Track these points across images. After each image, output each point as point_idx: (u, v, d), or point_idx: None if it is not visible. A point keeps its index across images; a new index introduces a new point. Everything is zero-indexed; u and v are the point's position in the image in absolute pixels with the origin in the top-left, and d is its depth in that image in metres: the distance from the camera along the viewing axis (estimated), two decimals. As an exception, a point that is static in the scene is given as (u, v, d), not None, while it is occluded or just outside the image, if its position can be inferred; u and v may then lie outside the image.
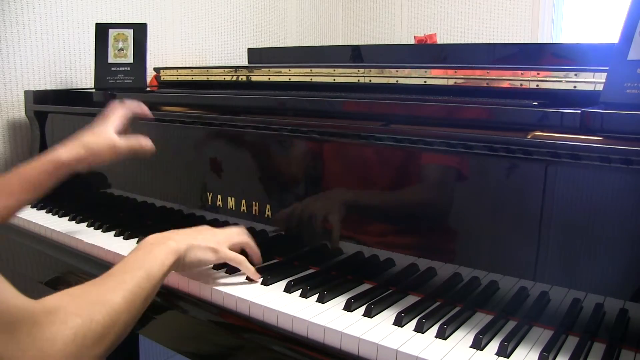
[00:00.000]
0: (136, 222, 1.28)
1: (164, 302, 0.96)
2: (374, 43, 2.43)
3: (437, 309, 0.82)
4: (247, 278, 0.94)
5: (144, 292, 0.76)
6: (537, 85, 0.93)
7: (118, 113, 1.09)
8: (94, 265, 1.12)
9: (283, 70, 1.30)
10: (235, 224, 1.13)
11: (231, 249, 0.94)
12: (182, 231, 0.90)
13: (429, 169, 0.90)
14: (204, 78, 1.51)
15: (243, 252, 0.97)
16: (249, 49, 1.97)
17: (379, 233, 0.96)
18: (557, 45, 1.69)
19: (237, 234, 0.97)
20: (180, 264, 0.86)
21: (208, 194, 1.17)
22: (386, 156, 0.93)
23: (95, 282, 0.75)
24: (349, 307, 0.83)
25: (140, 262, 0.79)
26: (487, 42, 2.13)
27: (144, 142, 1.08)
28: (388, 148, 0.91)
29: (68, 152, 1.01)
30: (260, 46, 2.20)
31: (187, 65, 1.97)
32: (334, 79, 1.21)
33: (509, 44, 1.86)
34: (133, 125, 1.34)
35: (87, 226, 1.27)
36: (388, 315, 0.81)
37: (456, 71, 1.03)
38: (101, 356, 0.69)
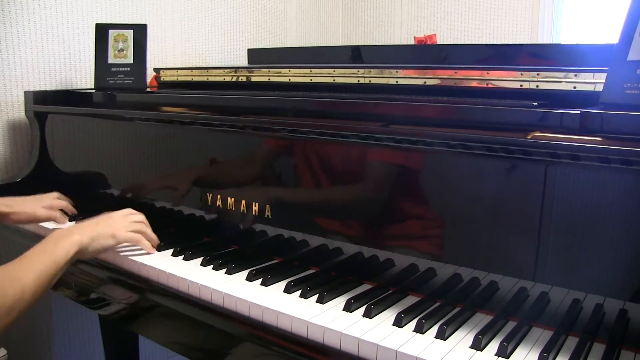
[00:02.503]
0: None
1: (165, 303, 0.96)
2: (374, 43, 2.43)
3: (437, 309, 0.82)
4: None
5: (50, 276, 0.90)
6: (537, 86, 0.93)
7: (51, 200, 1.29)
8: (94, 265, 1.12)
9: (283, 70, 1.30)
10: (236, 224, 1.13)
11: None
12: (84, 224, 1.04)
13: (428, 169, 0.90)
14: (204, 78, 1.51)
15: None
16: (248, 50, 1.97)
17: (378, 233, 0.96)
18: (556, 45, 1.69)
19: (132, 219, 1.10)
20: (85, 253, 1.00)
21: (208, 194, 1.17)
22: (386, 156, 0.93)
23: (10, 263, 0.88)
24: (348, 307, 0.83)
25: (48, 250, 0.93)
26: (487, 42, 2.13)
27: (60, 219, 1.27)
28: (388, 148, 0.91)
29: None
30: (260, 47, 2.20)
31: (187, 66, 1.97)
32: (334, 80, 1.21)
33: (508, 44, 1.86)
34: (133, 126, 1.34)
35: (87, 226, 1.27)
36: (388, 316, 0.81)
37: (456, 72, 1.03)
38: (5, 327, 0.82)
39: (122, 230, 1.06)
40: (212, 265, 1.01)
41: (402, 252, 0.91)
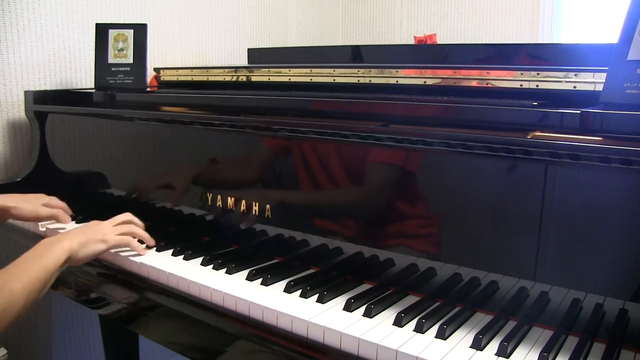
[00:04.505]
0: (136, 222, 1.28)
1: (165, 303, 0.96)
2: (374, 43, 2.43)
3: (437, 309, 0.82)
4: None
5: (40, 282, 0.90)
6: (537, 86, 0.93)
7: (50, 199, 1.27)
8: (93, 265, 1.12)
9: (283, 70, 1.30)
10: (236, 224, 1.13)
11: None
12: (73, 231, 1.04)
13: (428, 169, 0.90)
14: (204, 78, 1.51)
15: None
16: (249, 49, 1.97)
17: (379, 233, 0.96)
18: (556, 45, 1.69)
19: (119, 220, 1.11)
20: (75, 259, 0.99)
21: (208, 194, 1.17)
22: (386, 156, 0.93)
23: (2, 270, 0.88)
24: (349, 307, 0.83)
25: (38, 257, 0.93)
26: (487, 42, 2.13)
27: (62, 216, 1.25)
28: (388, 148, 0.91)
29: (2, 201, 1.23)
30: (260, 46, 2.20)
31: (187, 66, 1.97)
32: (334, 79, 1.21)
33: (509, 44, 1.86)
34: (133, 126, 1.34)
35: (87, 226, 1.27)
36: (388, 316, 0.81)
37: (456, 71, 1.03)
38: None
39: (111, 234, 1.06)
40: (212, 265, 1.01)
41: (402, 252, 0.91)
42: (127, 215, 1.13)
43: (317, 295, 0.87)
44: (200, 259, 1.04)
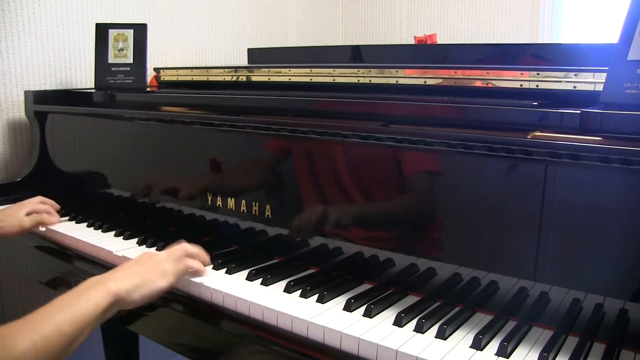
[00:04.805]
0: (136, 222, 1.28)
1: (164, 303, 0.96)
2: (374, 43, 2.43)
3: (437, 309, 0.82)
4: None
5: (64, 336, 0.73)
6: (537, 86, 0.93)
7: (34, 205, 1.24)
8: (94, 266, 1.12)
9: (283, 70, 1.30)
10: (236, 224, 1.13)
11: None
12: (125, 268, 0.88)
13: (428, 169, 0.90)
14: (204, 78, 1.51)
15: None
16: (249, 49, 1.97)
17: (378, 233, 0.96)
18: (556, 45, 1.69)
19: (179, 250, 0.95)
20: (127, 302, 0.84)
21: (208, 194, 1.17)
22: (386, 156, 0.93)
23: (13, 323, 0.71)
24: (348, 307, 0.83)
25: (68, 303, 0.77)
26: (487, 42, 2.13)
27: (47, 219, 1.22)
28: (388, 148, 0.91)
29: None
30: (260, 46, 2.20)
31: (187, 66, 1.97)
32: (334, 79, 1.21)
33: (508, 44, 1.86)
34: (133, 126, 1.34)
35: (87, 226, 1.27)
36: (388, 316, 0.81)
37: (456, 71, 1.03)
38: None
39: (170, 264, 0.91)
40: (212, 265, 1.01)
41: (402, 252, 0.91)
42: (182, 247, 0.97)
43: (317, 295, 0.87)
44: (200, 259, 1.04)
